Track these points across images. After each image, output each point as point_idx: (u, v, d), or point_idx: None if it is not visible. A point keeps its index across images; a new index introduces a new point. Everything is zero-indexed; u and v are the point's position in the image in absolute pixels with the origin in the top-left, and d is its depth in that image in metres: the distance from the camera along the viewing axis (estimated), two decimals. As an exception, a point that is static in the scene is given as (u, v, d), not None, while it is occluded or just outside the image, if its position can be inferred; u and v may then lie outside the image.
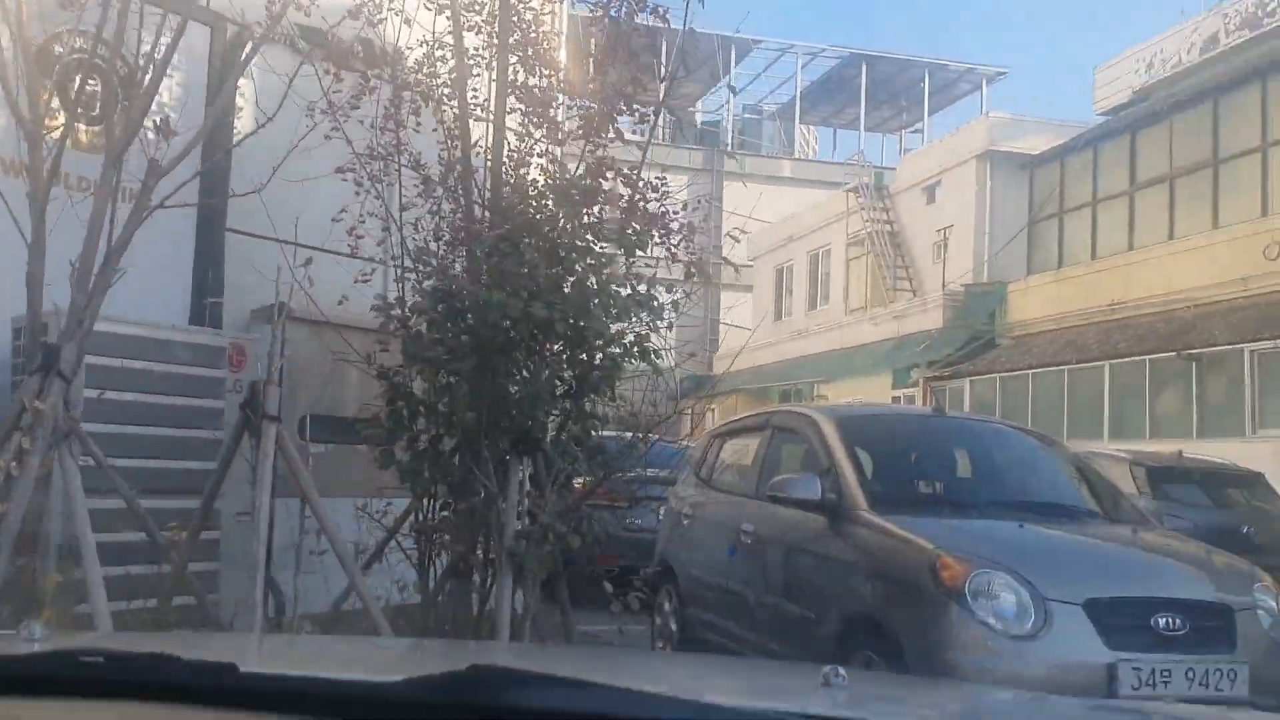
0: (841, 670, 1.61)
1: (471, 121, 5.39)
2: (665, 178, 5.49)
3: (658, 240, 5.35)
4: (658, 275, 5.47)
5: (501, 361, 4.17)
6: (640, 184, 5.23)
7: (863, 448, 5.78)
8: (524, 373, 4.29)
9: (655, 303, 4.57)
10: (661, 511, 8.09)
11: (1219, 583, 4.79)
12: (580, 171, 5.30)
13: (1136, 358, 15.45)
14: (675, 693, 1.36)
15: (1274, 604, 4.76)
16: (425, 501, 5.10)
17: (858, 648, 4.67)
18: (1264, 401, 13.49)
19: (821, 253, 29.14)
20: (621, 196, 5.17)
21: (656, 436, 6.29)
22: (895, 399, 21.92)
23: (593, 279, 4.29)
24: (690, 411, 6.54)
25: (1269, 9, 16.19)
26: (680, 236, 5.30)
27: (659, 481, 8.14)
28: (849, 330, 25.44)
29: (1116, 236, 17.63)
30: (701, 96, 42.67)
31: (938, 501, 5.39)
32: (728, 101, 40.19)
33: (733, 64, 38.00)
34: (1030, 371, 17.80)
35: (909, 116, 41.78)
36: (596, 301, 4.23)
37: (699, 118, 41.01)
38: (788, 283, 31.22)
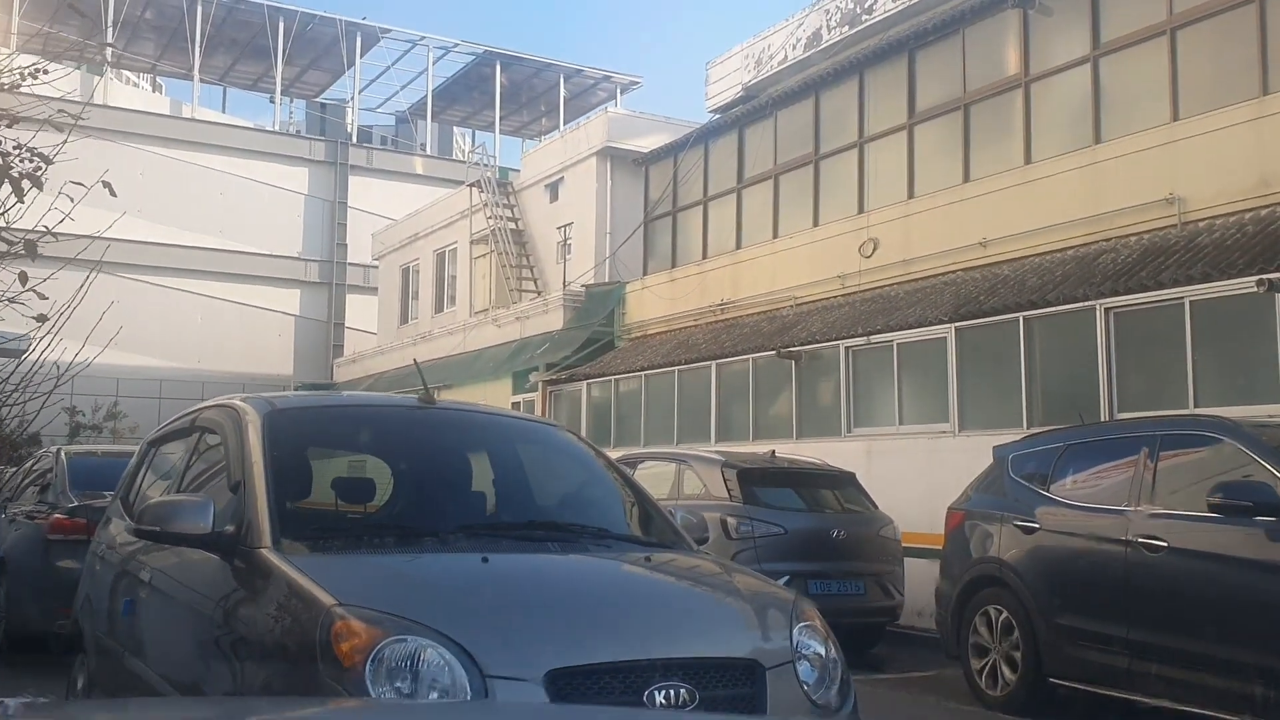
0: None
1: None
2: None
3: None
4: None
5: None
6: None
7: (300, 453, 4.09)
8: None
9: None
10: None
11: (748, 628, 3.49)
12: None
13: (740, 357, 14.91)
14: None
15: (821, 649, 3.50)
16: None
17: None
18: (858, 399, 13.21)
19: (448, 252, 27.48)
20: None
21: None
22: (515, 405, 20.64)
23: None
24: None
25: (867, 5, 16.28)
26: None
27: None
28: (473, 333, 23.95)
29: (726, 235, 17.21)
30: (329, 86, 39.88)
31: (385, 527, 3.79)
32: (353, 96, 37.63)
33: (358, 54, 35.65)
34: (644, 373, 16.99)
35: (547, 122, 41.05)
36: None
37: (350, 113, 38.05)
38: (414, 284, 29.30)
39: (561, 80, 37.94)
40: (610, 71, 38.88)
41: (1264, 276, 9.04)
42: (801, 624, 3.51)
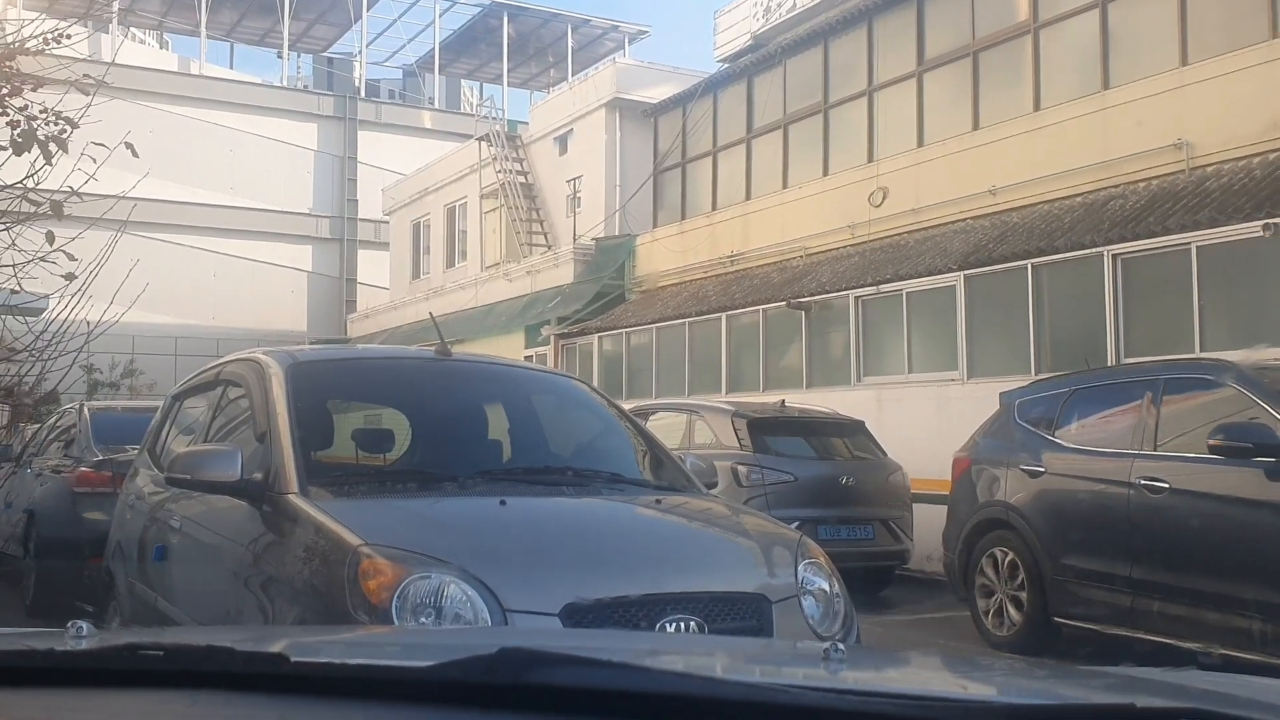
0: (841, 645, 1.62)
1: None
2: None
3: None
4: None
5: None
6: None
7: (322, 404, 4.24)
8: None
9: None
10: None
11: (755, 565, 3.65)
12: None
13: (751, 308, 15.00)
14: (689, 670, 1.39)
15: (825, 585, 3.65)
16: None
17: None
18: (867, 348, 13.32)
19: (458, 207, 27.51)
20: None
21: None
22: (528, 359, 20.79)
23: None
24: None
25: (874, -47, 16.16)
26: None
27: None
28: (484, 287, 24.04)
29: (736, 186, 17.23)
30: (335, 40, 39.69)
31: (406, 474, 3.95)
32: (360, 50, 37.49)
33: (365, 7, 35.42)
34: (654, 326, 17.10)
35: (555, 74, 40.79)
36: None
37: (357, 67, 37.85)
38: (425, 240, 29.37)
39: (569, 31, 37.64)
40: (618, 21, 38.55)
41: (1270, 221, 9.08)
42: (806, 560, 3.66)
